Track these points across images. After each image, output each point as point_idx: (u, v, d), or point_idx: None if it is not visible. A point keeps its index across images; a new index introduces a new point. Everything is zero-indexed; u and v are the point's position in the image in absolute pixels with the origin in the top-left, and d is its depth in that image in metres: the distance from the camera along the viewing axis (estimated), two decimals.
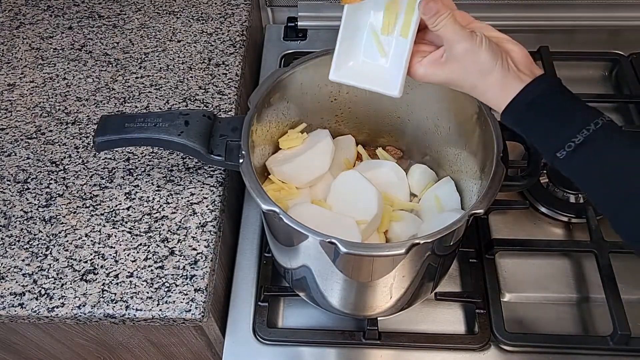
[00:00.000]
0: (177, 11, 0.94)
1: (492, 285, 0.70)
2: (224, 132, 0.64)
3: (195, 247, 0.67)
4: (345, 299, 0.66)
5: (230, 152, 0.62)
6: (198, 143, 0.62)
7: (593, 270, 0.71)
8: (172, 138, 0.62)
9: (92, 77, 0.85)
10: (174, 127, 0.63)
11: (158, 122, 0.63)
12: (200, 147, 0.62)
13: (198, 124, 0.63)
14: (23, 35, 0.91)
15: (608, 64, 0.96)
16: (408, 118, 0.74)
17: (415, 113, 0.73)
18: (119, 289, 0.64)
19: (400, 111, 0.74)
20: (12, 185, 0.73)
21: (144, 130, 0.63)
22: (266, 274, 0.74)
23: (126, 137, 0.63)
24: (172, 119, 0.63)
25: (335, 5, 1.01)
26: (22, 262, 0.66)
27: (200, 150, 0.62)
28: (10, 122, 0.80)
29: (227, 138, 0.63)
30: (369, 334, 0.68)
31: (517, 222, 0.77)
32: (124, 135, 0.63)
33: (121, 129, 0.63)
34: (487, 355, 0.67)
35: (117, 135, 0.63)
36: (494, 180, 0.56)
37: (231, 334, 0.70)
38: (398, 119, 0.75)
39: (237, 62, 0.87)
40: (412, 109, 0.73)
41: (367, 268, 0.59)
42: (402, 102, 0.72)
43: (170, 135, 0.62)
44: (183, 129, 0.62)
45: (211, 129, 0.64)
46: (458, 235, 0.60)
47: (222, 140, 0.63)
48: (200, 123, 0.63)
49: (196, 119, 0.63)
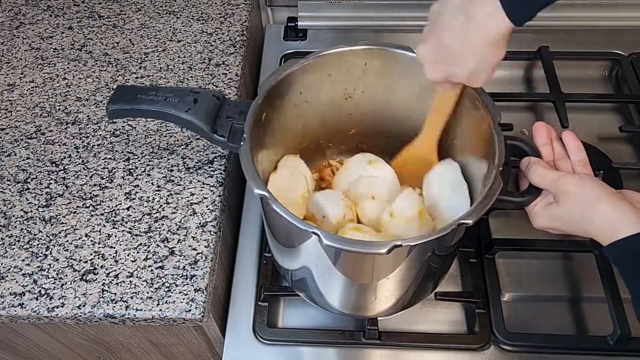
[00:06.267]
0: (177, 11, 0.94)
1: (492, 285, 0.70)
2: (231, 114, 0.65)
3: (195, 247, 0.67)
4: (345, 300, 0.66)
5: (234, 135, 0.63)
6: (203, 121, 0.63)
7: (593, 270, 0.71)
8: (179, 114, 0.64)
9: (92, 77, 0.85)
10: (182, 104, 0.64)
11: (168, 97, 0.65)
12: (204, 126, 0.63)
13: (206, 103, 0.64)
14: (23, 35, 0.91)
15: (608, 64, 0.96)
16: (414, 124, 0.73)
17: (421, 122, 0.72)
18: (119, 289, 0.64)
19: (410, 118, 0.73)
20: (12, 185, 0.73)
21: (154, 103, 0.64)
22: (266, 274, 0.74)
23: (137, 108, 0.65)
24: (182, 96, 0.65)
25: (335, 5, 1.01)
26: (22, 262, 0.66)
27: (205, 129, 0.63)
28: (10, 122, 0.80)
29: (233, 120, 0.64)
30: (368, 334, 0.68)
31: (517, 222, 0.77)
32: (135, 105, 0.65)
33: (134, 99, 0.65)
34: (487, 355, 0.67)
35: (129, 105, 0.65)
36: (489, 193, 0.55)
37: (231, 334, 0.70)
38: (407, 124, 0.74)
39: (237, 62, 0.87)
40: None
41: (367, 269, 0.59)
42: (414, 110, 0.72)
43: (178, 110, 0.64)
44: (191, 106, 0.64)
45: (219, 109, 0.65)
46: (448, 241, 0.59)
47: (228, 122, 0.64)
48: (208, 102, 0.65)
49: (205, 98, 0.65)
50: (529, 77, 0.97)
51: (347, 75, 0.69)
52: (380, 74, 0.69)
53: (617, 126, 0.86)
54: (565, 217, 0.56)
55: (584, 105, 0.89)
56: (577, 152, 0.61)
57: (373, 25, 1.02)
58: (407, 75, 0.67)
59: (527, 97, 0.92)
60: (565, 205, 0.56)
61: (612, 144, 0.86)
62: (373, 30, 1.01)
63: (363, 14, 1.01)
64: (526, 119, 0.90)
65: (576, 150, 0.61)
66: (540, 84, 0.94)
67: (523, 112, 0.91)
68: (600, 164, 0.80)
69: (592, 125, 0.89)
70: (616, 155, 0.82)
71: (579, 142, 0.61)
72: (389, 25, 1.01)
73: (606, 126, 0.89)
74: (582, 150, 0.61)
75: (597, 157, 0.80)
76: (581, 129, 0.72)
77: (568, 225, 0.57)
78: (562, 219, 0.57)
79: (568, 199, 0.56)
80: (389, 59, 0.67)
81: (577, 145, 0.61)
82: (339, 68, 0.68)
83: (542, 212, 0.59)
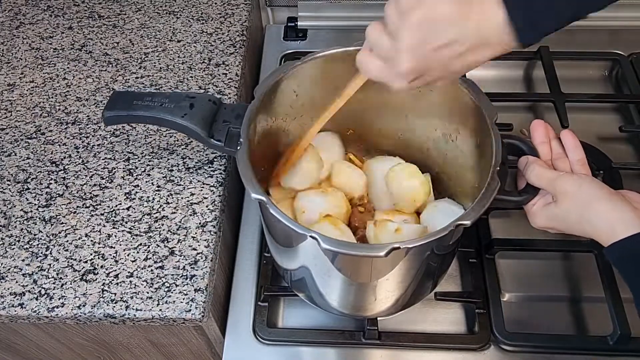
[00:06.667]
0: (177, 11, 0.94)
1: (492, 285, 0.70)
2: (227, 118, 0.65)
3: (195, 247, 0.67)
4: (344, 300, 0.66)
5: (231, 139, 0.64)
6: (199, 126, 0.63)
7: (593, 270, 0.71)
8: (175, 119, 0.64)
9: (92, 77, 0.85)
10: (178, 109, 0.64)
11: (164, 103, 0.65)
12: (201, 131, 0.63)
13: (202, 108, 0.65)
14: (23, 35, 0.91)
15: (608, 64, 0.96)
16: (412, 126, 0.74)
17: (419, 121, 0.72)
18: (119, 289, 0.64)
19: (406, 120, 0.73)
20: (12, 185, 0.73)
21: (150, 109, 0.65)
22: (266, 274, 0.74)
23: (133, 114, 0.65)
24: (179, 101, 0.65)
25: (335, 5, 1.01)
26: (22, 262, 0.66)
27: (201, 134, 0.64)
28: (10, 122, 0.80)
29: (229, 124, 0.64)
30: (368, 334, 0.68)
31: (517, 222, 0.77)
32: (131, 112, 0.65)
33: (130, 105, 0.65)
34: (487, 355, 0.67)
35: (125, 111, 0.65)
36: (486, 193, 0.55)
37: (231, 334, 0.70)
38: (405, 122, 0.74)
39: (237, 62, 0.87)
40: (418, 115, 0.72)
41: (366, 269, 0.59)
42: (409, 111, 0.72)
43: (174, 116, 0.64)
44: (187, 111, 0.64)
45: (215, 113, 0.65)
46: (446, 241, 0.59)
47: (224, 126, 0.64)
48: (204, 107, 0.65)
49: (201, 103, 0.65)
50: (528, 77, 0.97)
51: (342, 76, 0.69)
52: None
53: (617, 126, 0.86)
54: (563, 216, 0.56)
55: (583, 105, 0.89)
56: (576, 151, 0.61)
57: None
58: None
59: (527, 97, 0.92)
60: (563, 205, 0.56)
61: (612, 144, 0.86)
62: None
63: (363, 14, 1.01)
64: (526, 119, 0.90)
65: (574, 149, 0.61)
66: (540, 84, 0.94)
67: (523, 112, 0.91)
68: (600, 164, 0.80)
69: (592, 125, 0.88)
70: (616, 155, 0.82)
71: (577, 140, 0.61)
72: None
73: (606, 126, 0.89)
74: (580, 149, 0.61)
75: (596, 157, 0.80)
76: (581, 129, 0.72)
77: (566, 225, 0.57)
78: (560, 219, 0.57)
79: (566, 198, 0.56)
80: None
81: (575, 144, 0.61)
82: (335, 69, 0.67)
83: (541, 212, 0.59)
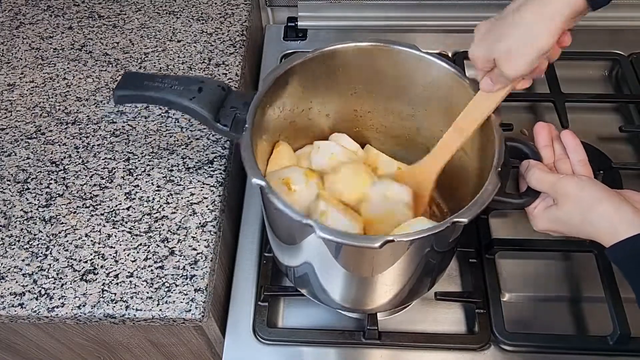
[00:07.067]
0: (177, 11, 0.94)
1: (492, 285, 0.70)
2: (235, 105, 0.66)
3: (195, 247, 0.67)
4: (345, 293, 0.65)
5: (237, 125, 0.64)
6: (207, 110, 0.64)
7: (593, 270, 0.71)
8: (183, 101, 0.65)
9: (92, 77, 0.85)
10: (187, 92, 0.65)
11: (174, 85, 0.66)
12: (207, 114, 0.64)
13: (211, 93, 0.65)
14: (23, 35, 0.91)
15: (608, 64, 0.96)
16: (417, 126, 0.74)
17: (425, 121, 0.72)
18: (119, 289, 0.64)
19: (414, 118, 0.73)
20: (12, 185, 0.73)
21: (159, 90, 0.66)
22: (266, 273, 0.74)
23: (143, 94, 0.66)
24: (188, 84, 0.66)
25: (335, 5, 1.02)
26: (22, 262, 0.66)
27: (208, 117, 0.64)
28: (10, 122, 0.80)
29: (236, 111, 0.65)
30: (368, 334, 0.68)
31: (517, 222, 0.77)
32: (142, 92, 0.66)
33: (140, 85, 0.66)
34: (487, 355, 0.67)
35: (135, 91, 0.66)
36: (484, 192, 0.55)
37: (231, 334, 0.70)
38: (412, 120, 0.74)
39: (237, 62, 0.87)
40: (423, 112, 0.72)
41: (367, 261, 0.59)
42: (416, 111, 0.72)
43: (182, 98, 0.65)
44: (196, 94, 0.65)
45: (224, 99, 0.66)
46: (444, 238, 0.59)
47: (231, 112, 0.65)
48: (213, 92, 0.66)
49: (210, 87, 0.66)
50: None
51: (352, 71, 0.69)
52: (385, 72, 0.69)
53: (617, 126, 0.86)
54: (565, 219, 0.56)
55: (584, 105, 0.89)
56: (577, 152, 0.61)
57: (373, 25, 1.02)
58: (413, 74, 0.67)
59: (526, 97, 0.92)
60: (564, 208, 0.56)
61: (612, 144, 0.86)
62: (373, 30, 1.01)
63: (363, 14, 1.02)
64: (526, 119, 0.90)
65: (575, 149, 0.61)
66: (540, 83, 0.94)
67: (523, 112, 0.91)
68: (600, 164, 0.80)
69: (592, 125, 0.89)
70: (616, 155, 0.82)
71: (577, 140, 0.61)
72: (389, 25, 1.01)
73: (606, 126, 0.89)
74: (581, 150, 0.61)
75: (597, 157, 0.80)
76: (581, 129, 0.72)
77: (568, 227, 0.57)
78: (562, 222, 0.57)
79: (567, 201, 0.56)
80: (395, 57, 0.67)
81: (576, 144, 0.61)
82: (344, 64, 0.68)
83: (542, 215, 0.59)
